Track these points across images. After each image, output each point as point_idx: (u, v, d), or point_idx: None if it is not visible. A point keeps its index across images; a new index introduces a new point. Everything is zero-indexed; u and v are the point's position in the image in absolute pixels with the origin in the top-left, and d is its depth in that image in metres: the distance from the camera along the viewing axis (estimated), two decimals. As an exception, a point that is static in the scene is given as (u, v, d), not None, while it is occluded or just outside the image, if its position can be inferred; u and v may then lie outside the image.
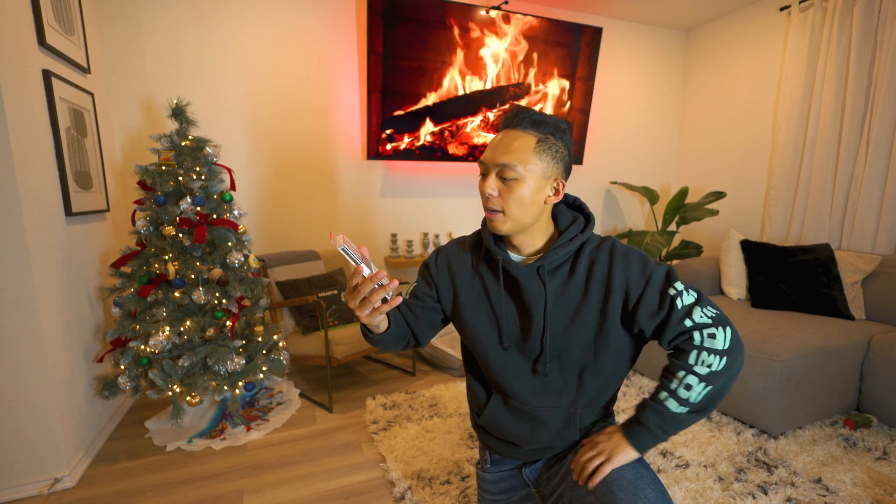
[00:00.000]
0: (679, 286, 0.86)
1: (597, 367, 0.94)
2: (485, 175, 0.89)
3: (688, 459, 1.69)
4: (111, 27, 2.29)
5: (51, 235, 1.64)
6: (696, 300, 0.86)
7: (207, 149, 1.94)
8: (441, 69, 2.76)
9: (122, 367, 1.81)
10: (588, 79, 3.15)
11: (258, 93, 2.60)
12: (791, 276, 2.31)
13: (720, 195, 3.12)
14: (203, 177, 1.91)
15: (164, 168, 1.86)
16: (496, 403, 1.01)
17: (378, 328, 0.91)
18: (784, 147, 2.89)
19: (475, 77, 2.86)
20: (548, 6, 3.14)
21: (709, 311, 0.85)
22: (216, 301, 1.88)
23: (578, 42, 3.04)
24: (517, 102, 3.01)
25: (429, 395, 2.26)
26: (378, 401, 2.20)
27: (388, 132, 2.74)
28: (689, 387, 0.83)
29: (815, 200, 2.73)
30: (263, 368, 1.94)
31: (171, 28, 2.38)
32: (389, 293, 0.79)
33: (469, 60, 2.81)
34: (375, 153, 2.74)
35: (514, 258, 0.95)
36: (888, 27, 2.37)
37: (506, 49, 2.88)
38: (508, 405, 0.99)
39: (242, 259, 1.94)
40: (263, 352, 2.01)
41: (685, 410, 0.84)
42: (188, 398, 1.82)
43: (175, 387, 1.79)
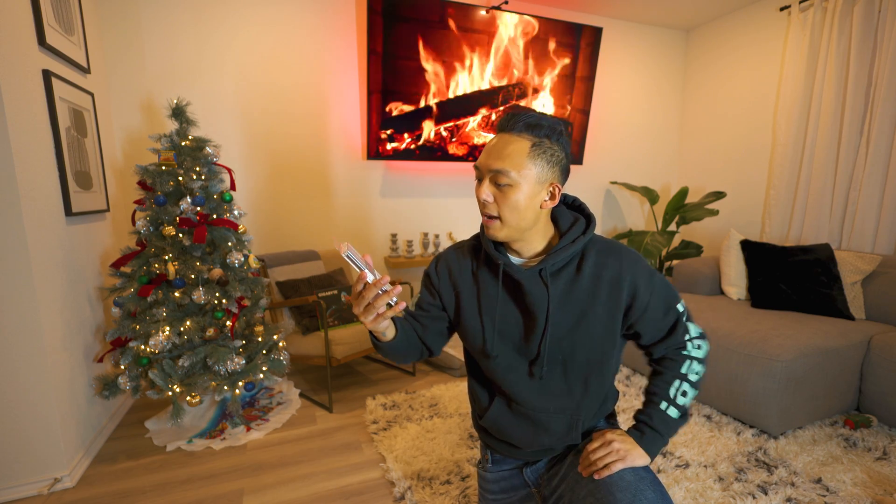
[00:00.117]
0: (680, 299, 0.95)
1: (601, 370, 0.94)
2: (480, 180, 0.88)
3: (688, 459, 1.69)
4: (111, 27, 2.29)
5: (51, 235, 1.64)
6: (687, 312, 0.96)
7: (207, 149, 1.94)
8: (441, 69, 2.76)
9: (122, 367, 1.82)
10: (588, 79, 3.15)
11: (258, 93, 2.60)
12: (791, 276, 2.31)
13: (720, 195, 3.12)
14: (203, 177, 1.91)
15: (164, 168, 1.86)
16: (499, 406, 1.01)
17: (385, 335, 0.90)
18: (784, 147, 2.89)
19: (475, 77, 2.86)
20: (548, 6, 3.13)
21: (694, 323, 0.96)
22: (216, 301, 1.88)
23: (578, 42, 3.04)
24: (517, 102, 3.01)
25: (429, 395, 2.26)
26: (378, 401, 2.20)
27: (388, 132, 2.74)
28: (685, 394, 0.91)
29: (815, 200, 2.73)
30: (263, 368, 1.94)
31: (171, 28, 2.38)
32: (393, 299, 0.79)
33: (469, 60, 2.81)
34: (375, 153, 2.74)
35: (515, 261, 0.95)
36: (888, 27, 2.37)
37: (506, 49, 2.88)
38: (511, 409, 0.99)
39: (242, 259, 1.94)
40: (263, 352, 2.01)
41: (679, 416, 0.91)
42: (188, 398, 1.82)
43: (175, 387, 1.79)
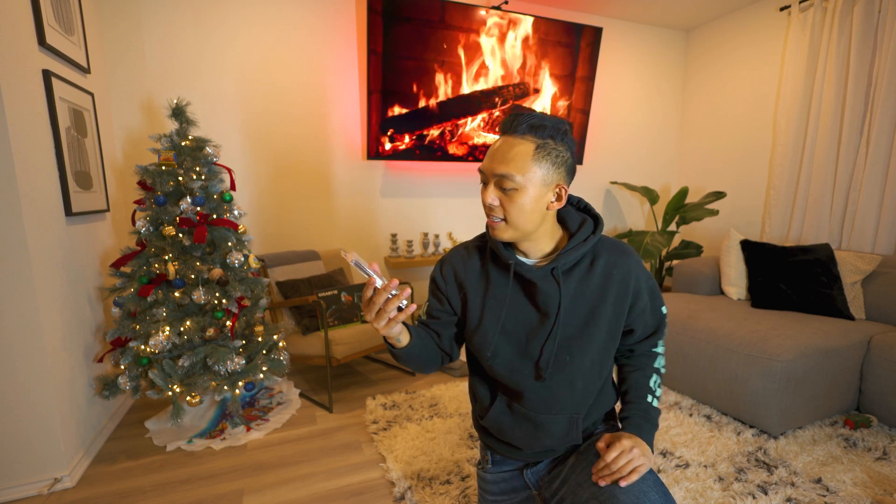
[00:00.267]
0: (664, 303, 1.02)
1: (601, 369, 0.95)
2: (485, 184, 0.88)
3: (688, 459, 1.69)
4: (111, 27, 2.29)
5: (51, 235, 1.63)
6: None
7: (207, 149, 1.93)
8: (441, 69, 2.76)
9: (122, 367, 1.81)
10: (588, 79, 3.15)
11: (258, 93, 2.60)
12: (791, 276, 2.31)
13: (720, 195, 3.12)
14: (203, 177, 1.91)
15: (164, 168, 1.85)
16: (500, 407, 1.00)
17: (399, 341, 0.89)
18: (784, 147, 2.89)
19: (475, 77, 2.86)
20: (548, 6, 3.14)
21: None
22: (216, 301, 1.88)
23: (578, 42, 3.04)
24: (517, 102, 3.01)
25: (429, 395, 2.26)
26: (378, 401, 2.20)
27: (389, 132, 2.74)
28: (660, 386, 1.01)
29: (815, 200, 2.73)
30: (263, 368, 1.94)
31: (171, 28, 2.38)
32: (403, 301, 0.78)
33: (469, 60, 2.81)
34: (375, 153, 2.74)
35: (525, 262, 0.95)
36: (888, 27, 2.37)
37: (506, 49, 2.88)
38: (512, 409, 0.99)
39: (242, 259, 1.94)
40: (263, 352, 2.01)
41: (657, 406, 0.99)
42: (188, 398, 1.82)
43: (175, 387, 1.79)
